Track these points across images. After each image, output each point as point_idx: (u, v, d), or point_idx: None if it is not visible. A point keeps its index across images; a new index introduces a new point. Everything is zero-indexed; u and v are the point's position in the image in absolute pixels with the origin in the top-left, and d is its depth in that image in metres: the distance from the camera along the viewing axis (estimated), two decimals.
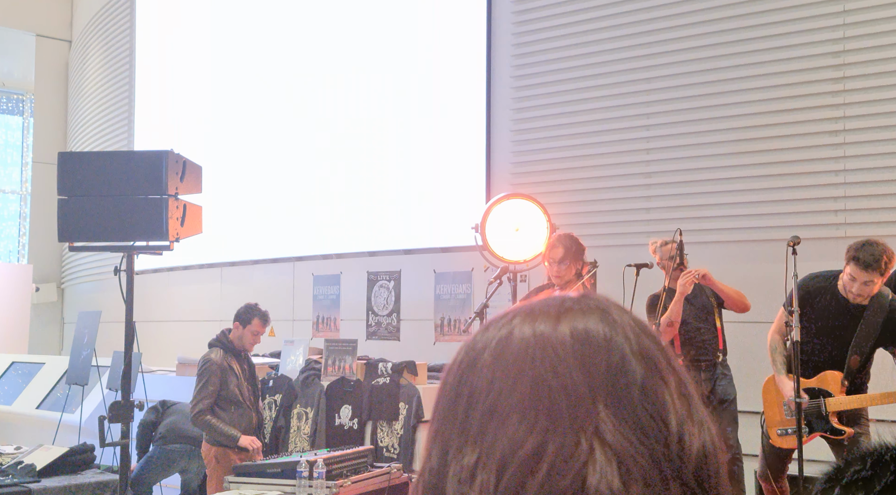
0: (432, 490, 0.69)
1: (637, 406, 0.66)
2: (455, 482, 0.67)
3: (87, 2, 13.34)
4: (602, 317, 0.70)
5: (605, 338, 0.69)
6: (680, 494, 0.65)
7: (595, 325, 0.69)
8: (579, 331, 0.69)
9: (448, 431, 0.70)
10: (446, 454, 0.69)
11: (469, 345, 0.73)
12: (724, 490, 0.69)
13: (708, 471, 0.67)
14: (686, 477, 0.66)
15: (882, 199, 5.57)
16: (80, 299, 12.67)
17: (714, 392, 5.05)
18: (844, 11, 5.75)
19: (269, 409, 6.64)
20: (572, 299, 0.73)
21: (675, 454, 0.66)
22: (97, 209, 4.52)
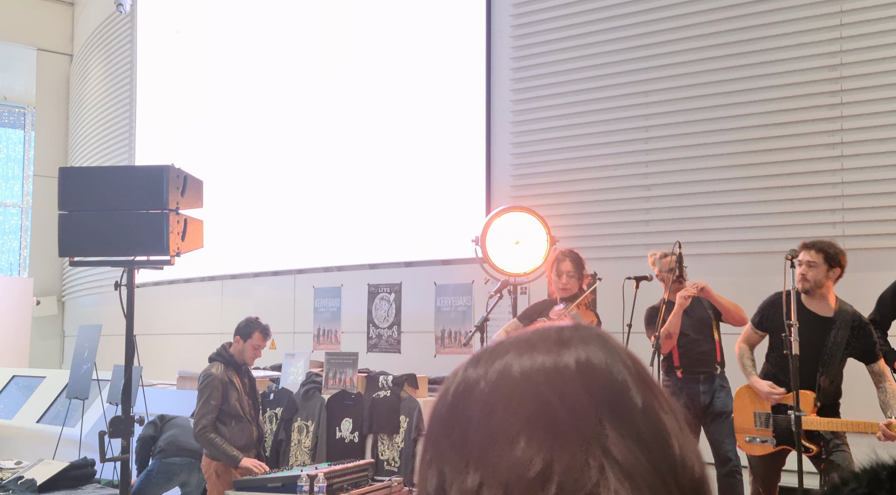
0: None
1: (640, 425, 0.68)
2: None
3: (87, 16, 13.40)
4: (601, 345, 0.73)
5: (606, 364, 0.71)
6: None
7: (596, 353, 0.71)
8: (582, 360, 0.71)
9: (445, 456, 0.70)
10: (444, 478, 0.70)
11: (459, 376, 0.74)
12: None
13: (706, 492, 0.69)
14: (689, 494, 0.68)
15: (879, 212, 5.59)
16: (81, 312, 12.67)
17: (713, 404, 5.05)
18: (841, 25, 5.78)
19: (269, 423, 6.63)
20: (570, 329, 0.75)
21: (679, 472, 0.68)
22: (98, 224, 4.54)
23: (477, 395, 0.71)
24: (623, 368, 0.71)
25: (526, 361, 0.71)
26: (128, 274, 4.66)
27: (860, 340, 4.42)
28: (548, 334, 0.74)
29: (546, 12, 7.15)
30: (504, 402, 0.69)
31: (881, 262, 5.39)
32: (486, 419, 0.69)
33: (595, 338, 0.73)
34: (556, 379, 0.69)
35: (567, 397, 0.68)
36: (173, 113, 10.84)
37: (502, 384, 0.70)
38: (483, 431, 0.69)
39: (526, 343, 0.73)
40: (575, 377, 0.69)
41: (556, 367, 0.70)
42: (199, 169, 9.68)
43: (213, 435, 5.35)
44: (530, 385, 0.69)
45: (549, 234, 5.73)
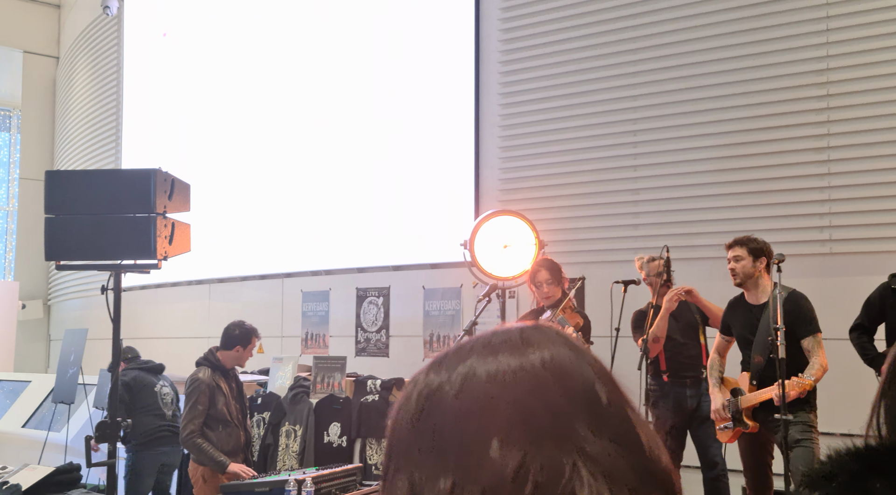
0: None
1: (610, 421, 0.69)
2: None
3: (74, 19, 13.34)
4: (566, 343, 0.73)
5: (573, 362, 0.72)
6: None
7: (562, 351, 0.72)
8: (548, 358, 0.71)
9: (414, 462, 0.70)
10: (415, 484, 0.70)
11: (421, 381, 0.74)
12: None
13: (675, 482, 0.70)
14: (662, 486, 0.69)
15: (867, 216, 5.62)
16: (67, 316, 12.60)
17: (699, 408, 5.07)
18: (828, 30, 5.81)
19: (257, 427, 6.61)
20: (531, 329, 0.75)
21: (650, 464, 0.69)
22: (84, 228, 4.51)
23: (443, 399, 0.71)
24: (588, 366, 0.72)
25: (491, 364, 0.71)
26: (114, 277, 4.63)
27: (790, 315, 4.46)
28: (510, 335, 0.74)
29: (534, 16, 7.16)
30: (474, 404, 0.69)
31: (868, 267, 5.42)
32: (455, 422, 0.69)
33: (558, 336, 0.74)
34: (527, 380, 0.69)
35: (541, 396, 0.68)
36: (160, 116, 10.80)
37: (470, 388, 0.70)
38: (453, 434, 0.68)
39: (488, 345, 0.73)
40: (546, 376, 0.69)
41: (523, 368, 0.70)
42: (186, 172, 9.65)
43: (199, 441, 5.33)
44: (500, 387, 0.69)
45: (538, 238, 5.74)
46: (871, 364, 4.74)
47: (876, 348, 4.80)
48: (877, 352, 4.77)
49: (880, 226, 5.55)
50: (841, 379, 4.73)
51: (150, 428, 6.22)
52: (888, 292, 4.79)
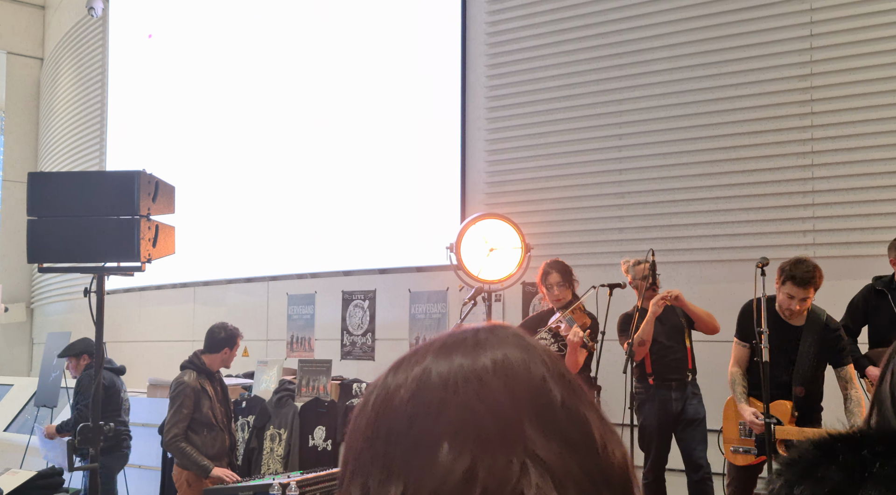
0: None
1: (562, 421, 0.69)
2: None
3: (59, 20, 13.26)
4: (518, 344, 0.73)
5: (524, 363, 0.71)
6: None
7: (514, 352, 0.72)
8: (499, 359, 0.71)
9: (367, 468, 0.70)
10: (367, 490, 0.70)
11: (380, 385, 0.74)
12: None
13: (630, 479, 0.71)
14: (614, 485, 0.69)
15: (850, 220, 5.65)
16: (50, 319, 12.51)
17: (685, 411, 5.08)
18: (811, 36, 5.84)
19: (241, 431, 6.58)
20: (485, 330, 0.75)
21: (603, 463, 0.69)
22: (67, 230, 4.48)
23: (397, 404, 0.71)
24: (541, 365, 0.72)
25: (443, 365, 0.71)
26: (98, 280, 4.60)
27: (830, 345, 4.46)
28: (464, 337, 0.75)
29: (521, 20, 7.18)
30: (424, 409, 0.69)
31: (852, 270, 5.45)
32: (407, 427, 0.69)
33: (511, 337, 0.74)
34: (474, 382, 0.69)
35: (487, 399, 0.68)
36: (145, 118, 10.75)
37: (422, 390, 0.70)
38: (405, 439, 0.69)
39: (442, 346, 0.74)
40: (493, 378, 0.70)
41: (473, 369, 0.70)
42: (171, 174, 9.61)
43: (183, 445, 5.30)
44: (449, 389, 0.69)
45: (524, 242, 5.74)
46: (855, 366, 4.77)
47: (860, 350, 4.84)
48: (860, 354, 4.80)
49: (864, 230, 5.58)
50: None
51: (117, 431, 6.23)
52: (871, 294, 4.82)
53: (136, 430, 6.86)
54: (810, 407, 4.45)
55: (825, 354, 4.48)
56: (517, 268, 5.73)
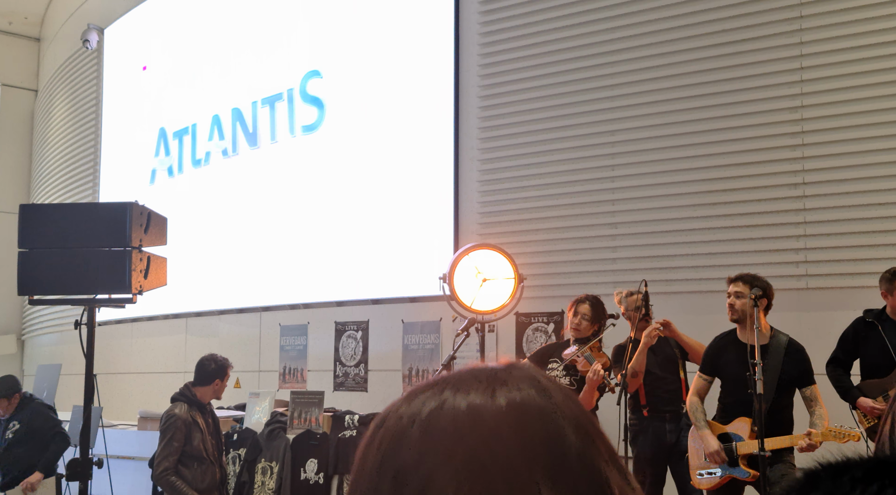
0: None
1: (577, 476, 0.66)
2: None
3: (54, 52, 13.33)
4: (534, 385, 0.71)
5: (539, 409, 0.69)
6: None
7: (530, 395, 0.70)
8: (515, 402, 0.69)
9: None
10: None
11: (392, 416, 0.72)
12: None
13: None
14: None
15: (841, 252, 5.67)
16: (41, 351, 12.43)
17: (679, 443, 5.05)
18: (802, 68, 5.90)
19: (232, 464, 6.51)
20: (503, 369, 0.73)
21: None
22: (59, 262, 4.46)
23: (408, 440, 0.69)
24: (558, 412, 0.69)
25: (458, 401, 0.69)
26: (88, 312, 4.58)
27: (793, 365, 4.48)
28: (481, 373, 0.72)
29: (513, 51, 7.23)
30: (433, 450, 0.67)
31: (844, 302, 5.45)
32: (415, 466, 0.67)
33: (529, 378, 0.71)
34: (486, 427, 0.67)
35: (497, 452, 0.66)
36: (139, 149, 10.77)
37: (433, 428, 0.68)
38: (414, 479, 0.66)
39: (459, 381, 0.72)
40: (506, 424, 0.67)
41: (487, 411, 0.68)
42: (164, 206, 9.62)
43: (173, 478, 5.24)
44: (460, 432, 0.67)
45: (517, 272, 5.74)
46: (846, 397, 4.77)
47: (852, 382, 4.83)
48: (851, 385, 4.79)
49: (856, 261, 5.60)
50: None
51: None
52: (862, 326, 4.82)
53: (126, 463, 6.80)
54: (776, 425, 4.44)
55: (789, 373, 4.49)
56: (510, 299, 5.72)
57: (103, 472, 6.32)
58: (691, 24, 6.36)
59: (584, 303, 5.12)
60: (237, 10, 9.63)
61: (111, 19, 11.57)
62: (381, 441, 0.71)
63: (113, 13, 11.57)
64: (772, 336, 4.56)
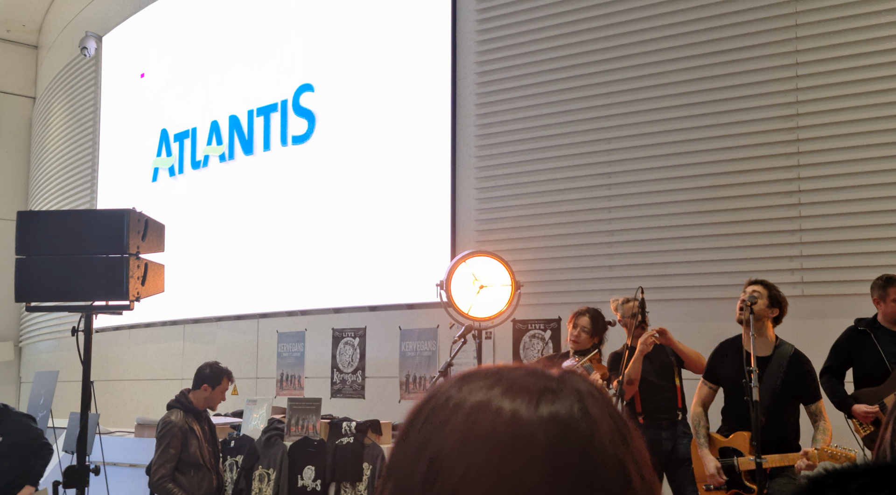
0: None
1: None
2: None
3: (51, 59, 13.35)
4: (581, 406, 0.69)
5: (580, 440, 0.67)
6: None
7: (573, 418, 0.68)
8: (557, 421, 0.67)
9: (406, 488, 0.68)
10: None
11: (441, 397, 0.71)
12: None
13: None
14: None
15: (837, 259, 5.69)
16: (39, 358, 12.41)
17: (675, 450, 5.06)
18: (797, 77, 5.93)
19: (230, 471, 6.51)
20: (555, 380, 0.72)
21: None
22: (56, 268, 4.47)
23: (450, 427, 0.68)
24: (601, 449, 0.67)
25: (506, 404, 0.68)
26: (85, 319, 4.58)
27: (797, 378, 4.41)
28: (532, 381, 0.71)
29: (510, 60, 7.26)
30: (472, 454, 0.66)
31: (840, 309, 5.47)
32: (451, 466, 0.67)
33: (576, 394, 0.70)
34: (522, 450, 0.66)
35: (527, 481, 0.65)
36: (138, 152, 10.78)
37: (474, 427, 0.68)
38: (448, 472, 0.66)
39: (510, 385, 0.71)
40: (543, 451, 0.66)
41: (527, 427, 0.67)
42: (164, 206, 9.63)
43: (170, 486, 5.24)
44: (497, 446, 0.66)
45: (514, 279, 5.75)
46: (841, 406, 4.76)
47: (846, 391, 4.83)
48: (846, 394, 4.79)
49: (852, 268, 5.61)
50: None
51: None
52: (854, 335, 4.82)
53: (124, 471, 6.79)
54: (777, 439, 4.35)
55: (793, 387, 4.42)
56: (507, 306, 5.73)
57: (100, 479, 6.31)
58: (687, 32, 6.38)
59: (583, 316, 5.14)
60: (234, 19, 9.66)
61: (109, 27, 11.60)
62: (426, 420, 0.71)
63: (111, 21, 11.60)
64: (776, 346, 4.51)
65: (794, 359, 4.46)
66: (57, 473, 6.67)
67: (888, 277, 4.86)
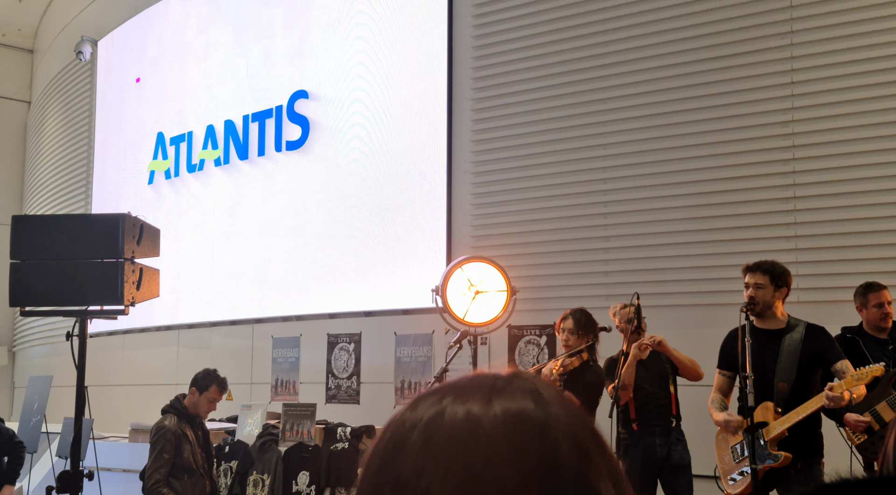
0: None
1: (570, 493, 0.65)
2: None
3: (47, 64, 13.33)
4: (534, 398, 0.70)
5: (536, 424, 0.68)
6: None
7: (527, 407, 0.69)
8: (512, 414, 0.68)
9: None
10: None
11: (396, 422, 0.72)
12: None
13: None
14: None
15: (832, 265, 5.70)
16: (33, 363, 12.37)
17: (669, 457, 5.05)
18: (792, 83, 5.94)
19: (224, 476, 6.49)
20: (503, 379, 0.72)
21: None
22: (51, 273, 4.46)
23: (408, 448, 0.69)
24: (555, 427, 0.68)
25: (457, 410, 0.69)
26: (80, 324, 4.57)
27: (817, 341, 4.36)
28: (482, 382, 0.72)
29: (506, 65, 7.27)
30: (433, 463, 0.67)
31: (835, 315, 5.47)
32: (416, 475, 0.67)
33: (528, 389, 0.71)
34: (483, 442, 0.66)
35: (493, 466, 0.65)
36: (132, 160, 10.76)
37: (432, 438, 0.68)
38: (412, 488, 0.67)
39: (460, 391, 0.72)
40: (501, 439, 0.67)
41: (484, 422, 0.68)
42: (160, 209, 9.62)
43: (165, 491, 5.22)
44: (458, 447, 0.67)
45: (509, 285, 5.75)
46: (832, 415, 4.70)
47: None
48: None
49: (847, 275, 5.62)
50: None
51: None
52: (842, 343, 4.80)
53: (118, 476, 6.77)
54: (798, 404, 4.27)
55: (811, 350, 4.35)
56: (502, 311, 5.73)
57: (94, 485, 6.28)
58: (683, 39, 6.40)
59: (567, 319, 5.13)
60: (229, 25, 9.66)
61: (104, 32, 11.59)
62: (385, 446, 0.71)
63: (106, 26, 11.59)
64: (788, 322, 4.47)
65: (810, 328, 4.42)
66: (50, 478, 6.64)
67: (868, 284, 4.87)
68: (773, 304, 4.46)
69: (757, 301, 4.41)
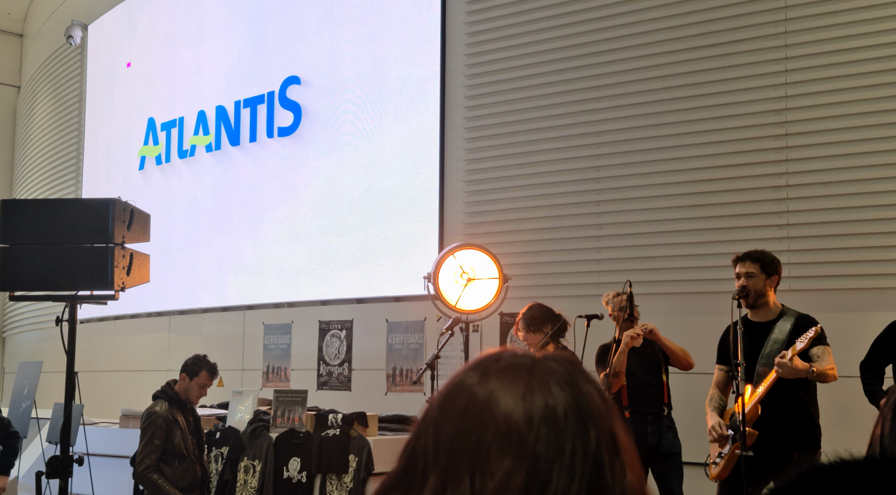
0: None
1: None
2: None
3: (36, 48, 13.23)
4: (569, 389, 0.92)
5: (571, 419, 0.88)
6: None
7: (561, 398, 0.89)
8: (549, 406, 0.88)
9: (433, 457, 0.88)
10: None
11: (456, 380, 0.92)
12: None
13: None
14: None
15: (825, 254, 5.71)
16: (23, 348, 12.33)
17: (660, 444, 5.07)
18: (786, 71, 5.94)
19: (215, 462, 6.48)
20: (545, 361, 0.92)
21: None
22: (40, 257, 4.43)
23: (455, 414, 0.89)
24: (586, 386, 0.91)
25: (508, 399, 0.89)
26: (70, 309, 4.55)
27: (803, 331, 4.34)
28: (522, 363, 0.92)
29: (499, 52, 7.24)
30: (466, 429, 0.88)
31: (828, 303, 5.49)
32: (465, 436, 0.88)
33: (566, 380, 0.91)
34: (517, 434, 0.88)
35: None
36: (122, 145, 10.70)
37: (469, 410, 0.89)
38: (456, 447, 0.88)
39: (508, 367, 0.92)
40: (539, 435, 0.88)
41: (517, 406, 0.88)
42: (151, 195, 9.57)
43: (155, 477, 5.22)
44: (483, 424, 0.88)
45: (501, 272, 5.75)
46: (872, 400, 4.59)
47: (880, 385, 4.59)
48: (878, 388, 4.53)
49: (839, 263, 5.64)
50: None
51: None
52: (891, 336, 4.66)
53: (108, 461, 6.76)
54: (785, 395, 4.28)
55: (801, 334, 4.34)
56: (494, 299, 5.73)
57: (84, 470, 6.28)
58: (676, 27, 6.38)
59: (519, 322, 5.16)
60: (221, 10, 9.59)
61: (95, 16, 11.50)
62: (444, 400, 0.92)
63: (96, 10, 11.50)
64: (781, 311, 4.49)
65: (800, 318, 4.44)
66: (40, 463, 6.63)
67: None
68: (764, 293, 4.48)
69: (749, 290, 4.42)
